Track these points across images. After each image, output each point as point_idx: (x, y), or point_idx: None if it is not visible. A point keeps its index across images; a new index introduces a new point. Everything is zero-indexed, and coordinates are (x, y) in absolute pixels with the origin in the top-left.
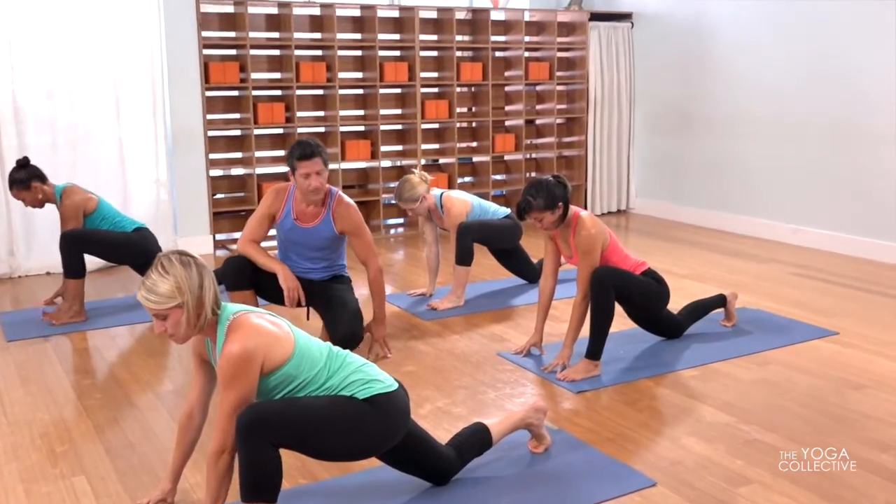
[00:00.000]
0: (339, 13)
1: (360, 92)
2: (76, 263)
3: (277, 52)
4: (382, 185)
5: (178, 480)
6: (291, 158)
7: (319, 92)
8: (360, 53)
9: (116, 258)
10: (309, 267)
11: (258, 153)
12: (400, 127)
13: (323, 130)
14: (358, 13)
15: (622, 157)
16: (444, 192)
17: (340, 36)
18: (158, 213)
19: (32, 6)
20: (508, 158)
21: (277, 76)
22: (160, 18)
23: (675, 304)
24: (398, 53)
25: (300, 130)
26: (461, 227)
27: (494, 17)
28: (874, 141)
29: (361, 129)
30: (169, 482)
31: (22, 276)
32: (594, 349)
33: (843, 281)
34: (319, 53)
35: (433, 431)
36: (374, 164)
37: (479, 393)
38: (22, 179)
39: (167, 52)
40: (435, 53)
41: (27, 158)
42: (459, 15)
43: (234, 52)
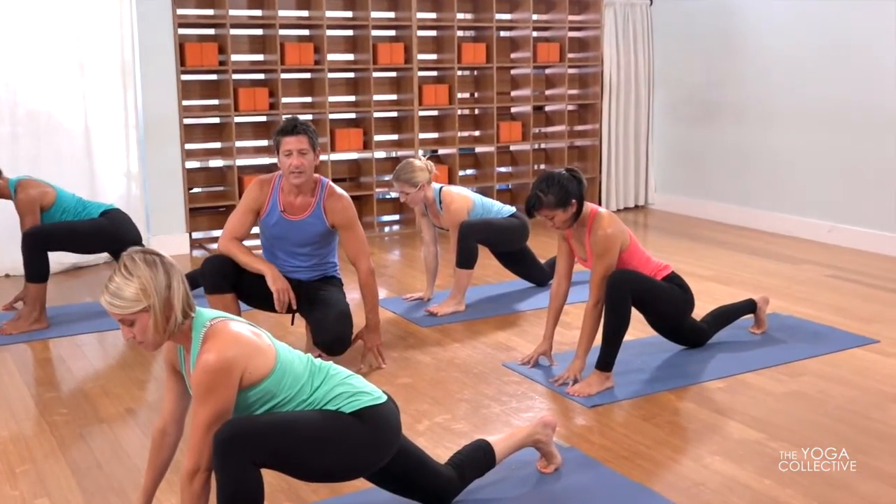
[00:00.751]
0: None
1: (351, 76)
2: (39, 265)
3: (260, 31)
4: (376, 178)
5: (150, 503)
6: (276, 136)
7: (306, 76)
8: (351, 33)
9: (87, 249)
10: (297, 265)
11: (239, 143)
12: (395, 114)
13: (310, 118)
14: None
15: (640, 147)
16: (443, 186)
17: (329, 14)
18: (129, 208)
19: None
20: (515, 149)
21: (260, 58)
22: None
23: (699, 309)
24: (393, 33)
25: (285, 118)
26: (463, 226)
27: None
28: None
29: (353, 116)
30: None
31: None
32: (605, 360)
33: (884, 284)
34: (306, 33)
35: (432, 449)
36: (366, 154)
37: (482, 407)
38: None
39: (138, 31)
40: (434, 33)
41: None
42: None
43: (212, 31)
